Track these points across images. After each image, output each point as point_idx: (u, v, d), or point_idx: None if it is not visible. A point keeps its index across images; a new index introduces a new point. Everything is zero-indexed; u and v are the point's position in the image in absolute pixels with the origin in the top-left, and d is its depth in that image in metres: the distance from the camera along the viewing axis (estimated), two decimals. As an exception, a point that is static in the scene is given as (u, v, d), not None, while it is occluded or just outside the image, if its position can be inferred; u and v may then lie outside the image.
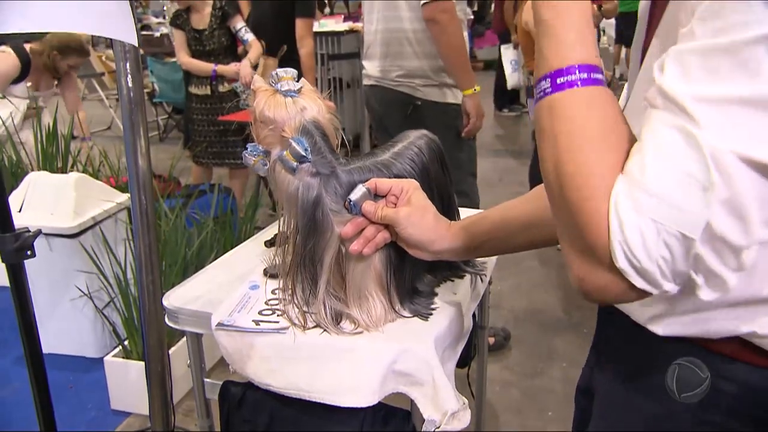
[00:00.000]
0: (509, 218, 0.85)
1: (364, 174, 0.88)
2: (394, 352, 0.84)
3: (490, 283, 1.24)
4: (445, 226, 0.86)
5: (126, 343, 2.07)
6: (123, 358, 2.05)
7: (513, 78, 5.37)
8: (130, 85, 1.28)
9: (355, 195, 0.85)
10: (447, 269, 1.03)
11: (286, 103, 0.83)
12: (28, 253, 1.10)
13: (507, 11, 5.43)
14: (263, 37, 3.42)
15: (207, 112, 3.39)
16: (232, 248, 2.30)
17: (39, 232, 1.11)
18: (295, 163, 0.84)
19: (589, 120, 0.52)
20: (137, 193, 1.33)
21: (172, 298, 0.99)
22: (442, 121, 2.13)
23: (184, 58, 3.30)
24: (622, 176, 0.50)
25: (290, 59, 3.39)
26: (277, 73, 0.84)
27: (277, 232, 0.99)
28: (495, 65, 6.59)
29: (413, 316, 0.91)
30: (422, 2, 1.96)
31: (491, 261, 1.14)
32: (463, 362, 1.07)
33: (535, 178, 3.49)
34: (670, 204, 0.47)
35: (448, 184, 1.01)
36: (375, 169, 0.88)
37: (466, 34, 2.18)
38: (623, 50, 7.46)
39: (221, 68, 3.28)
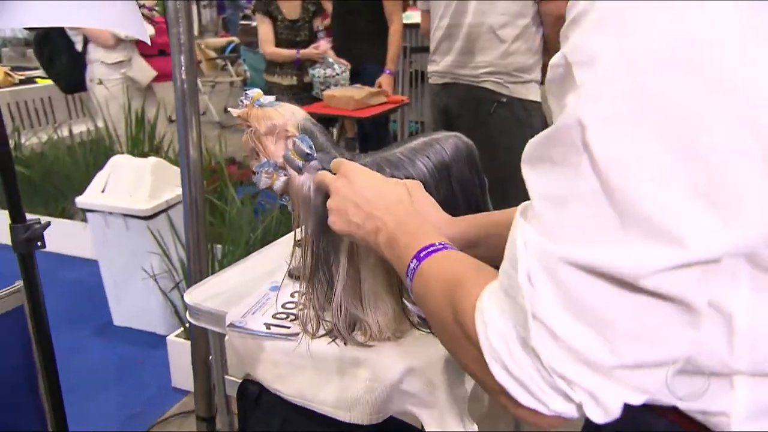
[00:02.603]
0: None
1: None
2: (401, 371, 0.79)
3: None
4: (445, 216, 0.82)
5: (188, 324, 2.14)
6: (184, 338, 2.13)
7: None
8: (183, 77, 1.30)
9: None
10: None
11: (277, 111, 0.82)
12: (39, 243, 1.14)
13: None
14: (352, 17, 3.45)
15: (292, 103, 3.41)
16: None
17: (48, 224, 1.16)
18: (301, 162, 0.82)
19: (451, 262, 0.57)
20: (188, 184, 1.36)
21: (194, 294, 1.00)
22: (525, 120, 2.06)
23: (270, 48, 3.34)
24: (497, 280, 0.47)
25: (376, 38, 3.39)
26: (247, 94, 0.87)
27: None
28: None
29: (428, 330, 0.86)
30: None
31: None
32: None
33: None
34: (516, 303, 0.42)
35: (477, 188, 0.95)
36: (382, 165, 0.84)
37: None
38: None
39: (304, 52, 3.32)
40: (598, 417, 0.40)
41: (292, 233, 1.30)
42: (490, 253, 0.78)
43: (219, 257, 2.23)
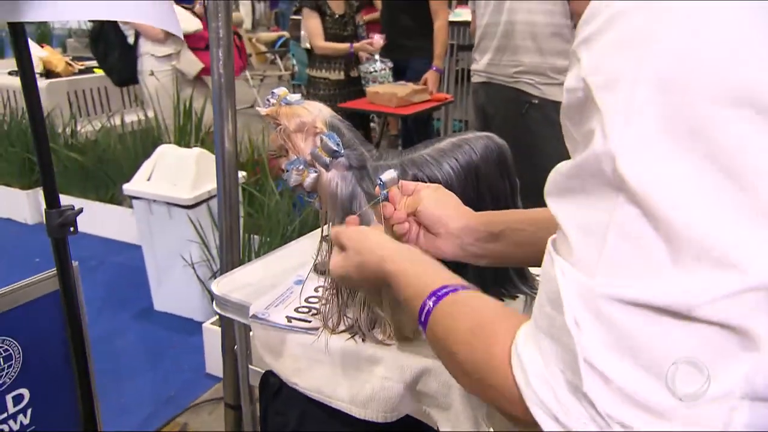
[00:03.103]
0: (542, 217, 0.76)
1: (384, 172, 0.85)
2: (417, 371, 0.79)
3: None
4: (467, 209, 0.79)
5: (223, 313, 2.19)
6: (218, 326, 2.17)
7: None
8: (221, 71, 1.33)
9: (386, 176, 0.81)
10: (496, 284, 0.95)
11: (306, 108, 0.83)
12: (71, 229, 1.17)
13: None
14: (399, 13, 3.45)
15: (337, 98, 3.44)
16: (330, 231, 2.37)
17: (80, 210, 1.19)
18: (328, 159, 0.82)
19: (462, 308, 0.54)
20: (222, 176, 1.39)
21: (222, 284, 1.02)
22: (557, 122, 2.00)
23: (320, 42, 3.34)
24: (531, 322, 0.44)
25: (423, 35, 3.39)
26: (274, 93, 0.87)
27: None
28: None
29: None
30: None
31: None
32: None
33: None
34: (562, 345, 0.39)
35: (508, 192, 0.93)
36: (406, 167, 0.84)
37: None
38: None
39: (357, 46, 3.33)
40: None
41: (320, 228, 1.32)
42: (510, 248, 0.76)
43: (256, 248, 2.27)
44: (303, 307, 0.93)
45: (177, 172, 2.43)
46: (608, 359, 0.37)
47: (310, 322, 0.89)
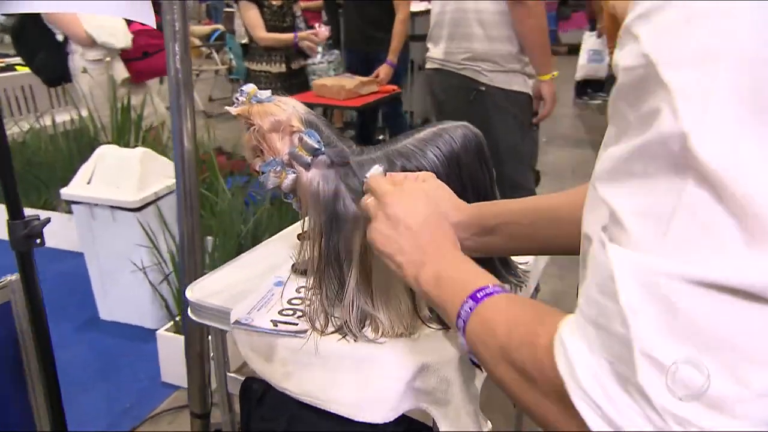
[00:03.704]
0: (537, 207, 0.76)
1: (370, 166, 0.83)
2: (415, 368, 0.77)
3: (537, 290, 1.14)
4: (461, 202, 0.78)
5: (177, 318, 2.10)
6: (174, 332, 2.09)
7: (583, 69, 5.15)
8: (178, 66, 1.26)
9: (374, 172, 0.79)
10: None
11: (278, 105, 0.80)
12: (38, 241, 1.10)
13: None
14: (363, 4, 3.42)
15: (279, 92, 3.35)
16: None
17: (48, 221, 1.11)
18: (309, 157, 0.79)
19: (518, 307, 0.54)
20: (182, 175, 1.32)
21: (196, 290, 0.97)
22: (506, 110, 2.03)
23: (262, 33, 3.24)
24: (576, 312, 0.42)
25: (387, 26, 3.37)
26: (243, 91, 0.84)
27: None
28: (578, 50, 6.30)
29: (441, 327, 0.84)
30: None
31: (537, 269, 1.04)
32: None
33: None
34: (612, 335, 0.37)
35: (487, 181, 0.93)
36: (393, 158, 0.82)
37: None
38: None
39: (302, 35, 3.25)
40: None
41: (290, 228, 1.28)
42: (506, 241, 0.76)
43: (209, 250, 2.19)
44: (287, 309, 0.90)
45: (120, 174, 2.32)
46: (666, 346, 0.35)
47: (296, 324, 0.86)
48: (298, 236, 1.13)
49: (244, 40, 4.68)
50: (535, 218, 0.73)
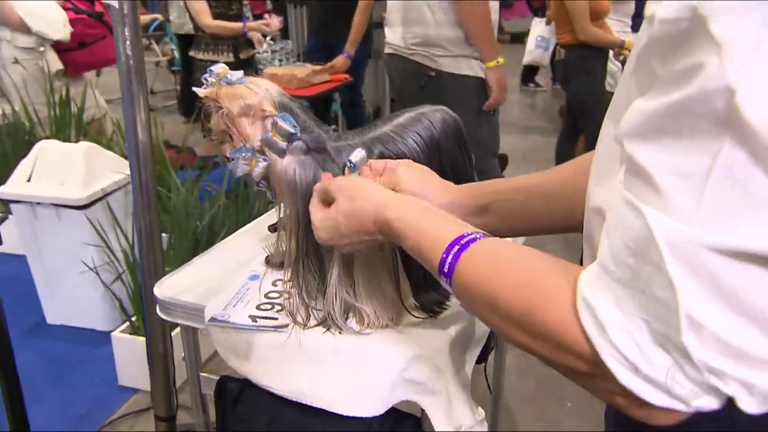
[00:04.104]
0: (530, 184, 0.75)
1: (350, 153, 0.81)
2: (404, 358, 0.75)
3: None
4: (448, 183, 0.77)
5: (134, 319, 2.02)
6: (130, 333, 2.01)
7: (531, 54, 5.27)
8: (129, 52, 1.19)
9: (356, 157, 0.77)
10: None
11: (249, 88, 0.76)
12: None
13: None
14: None
15: None
16: (244, 223, 2.24)
17: (5, 218, 1.03)
18: (284, 143, 0.76)
19: (504, 252, 0.52)
20: (137, 169, 1.26)
21: (165, 287, 0.92)
22: (459, 95, 2.03)
23: (209, 20, 3.13)
24: (592, 267, 0.42)
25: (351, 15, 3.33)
26: (212, 71, 0.79)
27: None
28: (524, 38, 6.37)
29: (427, 316, 0.83)
30: None
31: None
32: (480, 357, 0.99)
33: (563, 155, 3.35)
34: (650, 297, 0.38)
35: (467, 165, 0.91)
36: (371, 145, 0.79)
37: (496, 4, 2.06)
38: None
39: (251, 25, 3.16)
40: (754, 407, 0.37)
41: (258, 220, 1.24)
42: (498, 221, 0.74)
43: (164, 248, 2.11)
44: (265, 303, 0.86)
45: (63, 170, 2.19)
46: (707, 309, 0.36)
47: (276, 319, 0.82)
48: (270, 227, 1.10)
49: (182, 31, 4.53)
50: (528, 195, 0.72)
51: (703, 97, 0.34)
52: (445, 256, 0.55)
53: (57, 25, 2.90)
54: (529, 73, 6.36)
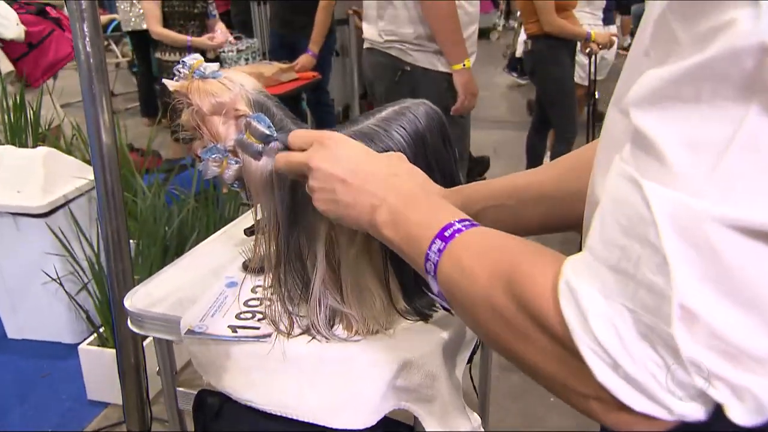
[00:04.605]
0: (520, 185, 0.71)
1: None
2: (396, 365, 0.71)
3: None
4: (438, 187, 0.73)
5: (102, 330, 1.94)
6: (98, 346, 1.92)
7: (522, 45, 5.25)
8: (88, 49, 1.13)
9: None
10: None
11: (223, 83, 0.71)
12: None
13: None
14: None
15: None
16: (215, 227, 2.17)
17: None
18: (260, 145, 0.71)
19: (492, 240, 0.50)
20: (102, 173, 1.19)
21: (136, 299, 0.86)
22: (432, 91, 1.99)
23: (157, 28, 3.09)
24: (580, 253, 0.38)
25: (303, 11, 3.26)
26: (185, 63, 0.74)
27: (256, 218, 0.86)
28: (488, 34, 6.37)
29: (417, 319, 0.79)
30: None
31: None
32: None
33: (534, 149, 3.35)
34: (639, 282, 0.34)
35: (451, 161, 0.88)
36: (357, 139, 0.75)
37: (477, 3, 2.03)
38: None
39: (195, 40, 3.11)
40: (744, 418, 0.32)
41: (231, 224, 1.18)
42: (492, 226, 0.71)
43: (132, 255, 2.03)
44: (245, 312, 0.81)
45: (21, 177, 2.09)
46: (704, 295, 0.32)
47: (258, 328, 0.78)
48: (246, 231, 1.04)
49: (128, 27, 4.40)
50: (520, 197, 0.69)
51: (730, 56, 0.30)
52: (431, 247, 0.52)
53: (9, 23, 2.77)
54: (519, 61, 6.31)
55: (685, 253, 0.32)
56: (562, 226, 0.68)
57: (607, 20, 3.49)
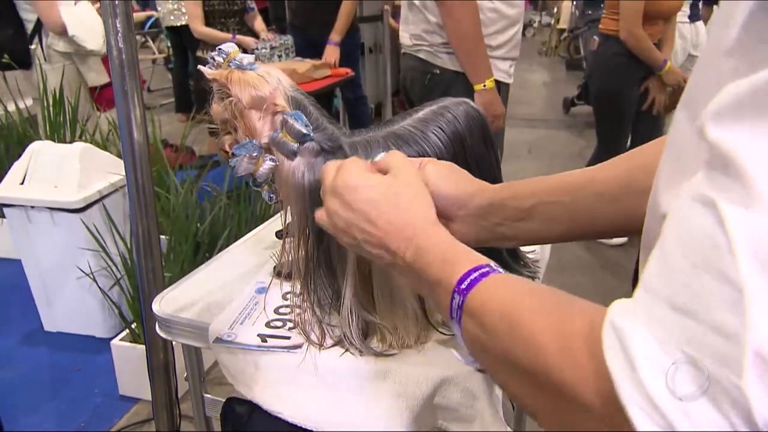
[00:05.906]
0: (574, 183, 0.65)
1: (375, 149, 0.72)
2: (434, 382, 0.67)
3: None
4: (483, 182, 0.68)
5: (133, 326, 1.94)
6: (130, 341, 1.93)
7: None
8: (121, 45, 1.11)
9: (379, 157, 0.68)
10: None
11: (261, 76, 0.67)
12: None
13: None
14: None
15: None
16: (247, 225, 2.16)
17: None
18: (296, 144, 0.67)
19: (512, 292, 0.45)
20: (132, 171, 1.18)
21: (164, 303, 0.83)
22: (464, 95, 1.92)
23: (200, 27, 3.09)
24: (636, 294, 0.32)
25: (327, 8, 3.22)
26: (221, 50, 0.71)
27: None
28: (523, 30, 6.23)
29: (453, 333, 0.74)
30: None
31: (544, 258, 0.96)
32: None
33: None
34: (705, 322, 0.28)
35: (493, 163, 0.83)
36: (390, 143, 0.71)
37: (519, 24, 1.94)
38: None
39: (240, 38, 3.09)
40: None
41: (262, 226, 1.15)
42: (543, 225, 0.65)
43: (164, 251, 2.03)
44: (275, 320, 0.78)
45: (58, 172, 2.11)
46: None
47: (289, 338, 0.74)
48: (278, 234, 1.01)
49: (167, 23, 4.44)
50: (575, 196, 0.63)
51: None
52: (453, 297, 0.48)
53: (95, 36, 2.80)
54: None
55: (766, 286, 0.26)
56: (622, 230, 0.62)
57: (694, 16, 2.96)
